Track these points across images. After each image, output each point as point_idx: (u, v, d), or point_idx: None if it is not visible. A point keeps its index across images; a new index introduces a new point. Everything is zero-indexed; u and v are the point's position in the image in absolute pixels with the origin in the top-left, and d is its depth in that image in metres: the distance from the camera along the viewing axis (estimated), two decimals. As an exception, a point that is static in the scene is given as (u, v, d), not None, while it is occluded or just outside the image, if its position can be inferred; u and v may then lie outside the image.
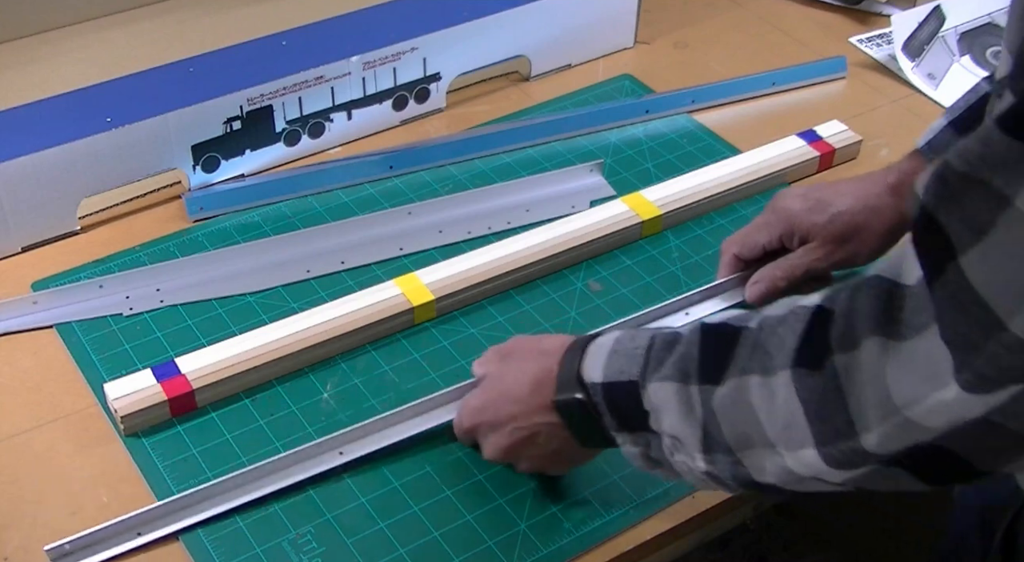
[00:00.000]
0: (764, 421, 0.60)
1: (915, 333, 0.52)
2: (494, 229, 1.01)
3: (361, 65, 1.08)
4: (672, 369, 0.65)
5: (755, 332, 0.61)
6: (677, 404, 0.64)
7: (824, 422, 0.57)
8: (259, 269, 0.97)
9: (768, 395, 0.59)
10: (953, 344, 0.50)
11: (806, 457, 0.58)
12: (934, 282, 0.51)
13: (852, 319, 0.55)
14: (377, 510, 0.79)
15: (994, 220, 0.48)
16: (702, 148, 1.12)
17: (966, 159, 0.49)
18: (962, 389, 0.50)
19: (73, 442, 0.84)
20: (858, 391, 0.55)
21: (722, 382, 0.62)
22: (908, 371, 0.52)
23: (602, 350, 0.70)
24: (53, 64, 1.03)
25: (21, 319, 0.92)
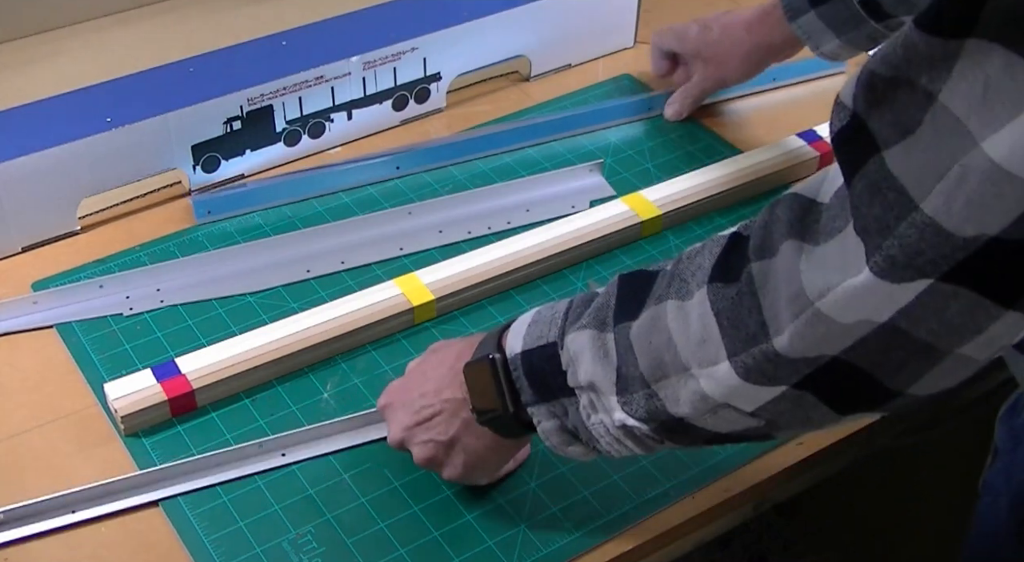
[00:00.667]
0: (679, 343, 0.61)
1: (829, 237, 0.54)
2: (494, 229, 1.01)
3: (361, 65, 1.08)
4: (589, 318, 0.66)
5: (672, 265, 0.63)
6: (592, 350, 0.65)
7: (737, 329, 0.58)
8: (259, 269, 0.97)
9: (683, 317, 0.60)
10: (866, 232, 0.52)
11: (719, 373, 0.59)
12: (853, 178, 0.52)
13: (769, 229, 0.57)
14: (377, 510, 0.79)
15: (921, 118, 0.50)
16: (702, 148, 1.12)
17: (890, 63, 0.51)
18: (872, 273, 0.51)
19: (73, 442, 0.84)
20: (772, 292, 0.56)
21: (638, 316, 0.63)
22: (821, 265, 0.54)
23: (523, 324, 0.71)
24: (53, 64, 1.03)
25: (21, 319, 0.92)
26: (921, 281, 0.51)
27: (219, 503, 0.79)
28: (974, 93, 0.48)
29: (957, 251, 0.49)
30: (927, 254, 0.50)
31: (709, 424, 0.62)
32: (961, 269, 0.50)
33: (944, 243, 0.50)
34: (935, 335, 0.53)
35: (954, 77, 0.49)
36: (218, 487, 0.80)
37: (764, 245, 0.57)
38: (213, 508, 0.79)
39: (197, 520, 0.78)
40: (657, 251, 1.00)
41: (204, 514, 0.78)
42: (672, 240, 1.01)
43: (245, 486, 0.80)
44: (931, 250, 0.50)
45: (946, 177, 0.49)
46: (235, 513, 0.78)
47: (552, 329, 0.68)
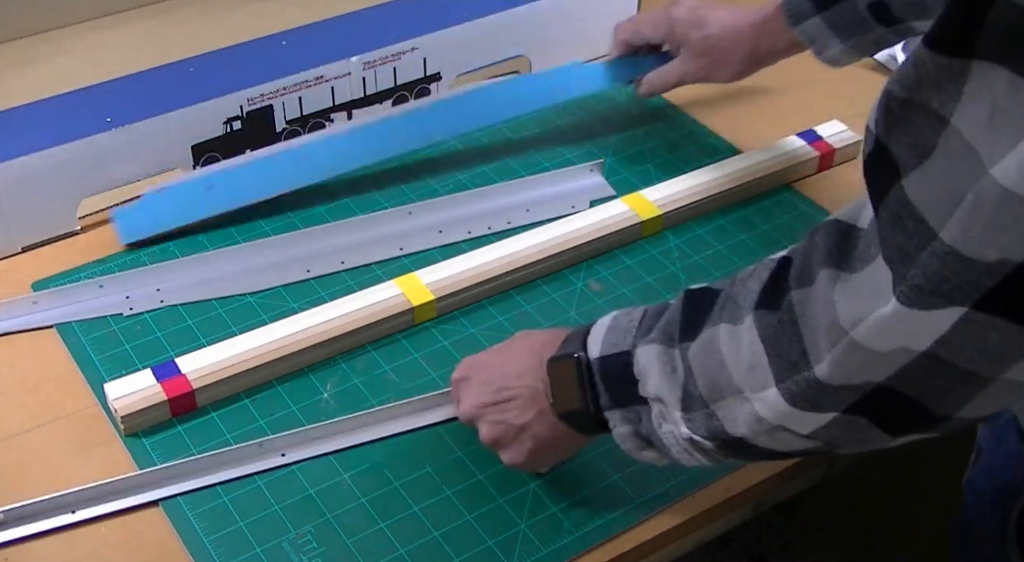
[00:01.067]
0: (731, 367, 0.62)
1: (863, 265, 0.54)
2: (494, 229, 1.01)
3: (361, 65, 1.08)
4: (658, 333, 0.67)
5: (728, 287, 0.64)
6: (660, 365, 0.66)
7: (781, 357, 0.58)
8: (259, 269, 0.97)
9: (735, 341, 0.61)
10: (891, 261, 0.52)
11: (769, 397, 0.60)
12: (879, 206, 0.53)
13: (809, 257, 0.58)
14: (377, 510, 0.79)
15: (935, 142, 0.50)
16: (702, 148, 1.12)
17: (904, 84, 0.51)
18: (899, 302, 0.51)
19: (73, 442, 0.84)
20: (811, 321, 0.57)
21: (697, 337, 0.64)
22: (854, 294, 0.54)
23: (602, 328, 0.72)
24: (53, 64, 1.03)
25: (21, 319, 0.92)
26: (953, 309, 0.50)
27: (219, 503, 0.79)
28: (982, 116, 0.48)
29: (983, 277, 0.49)
30: (952, 281, 0.50)
31: (767, 444, 0.63)
32: (993, 297, 0.50)
33: (967, 270, 0.49)
34: (976, 363, 0.52)
35: (964, 99, 0.49)
36: (218, 487, 0.80)
37: (803, 273, 0.58)
38: (213, 508, 0.79)
39: (197, 520, 0.78)
40: (657, 251, 1.00)
41: (204, 514, 0.78)
42: (672, 240, 1.01)
43: (245, 486, 0.80)
44: (955, 277, 0.50)
45: (961, 205, 0.49)
46: (235, 513, 0.78)
47: (627, 338, 0.69)
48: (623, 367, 0.68)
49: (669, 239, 1.01)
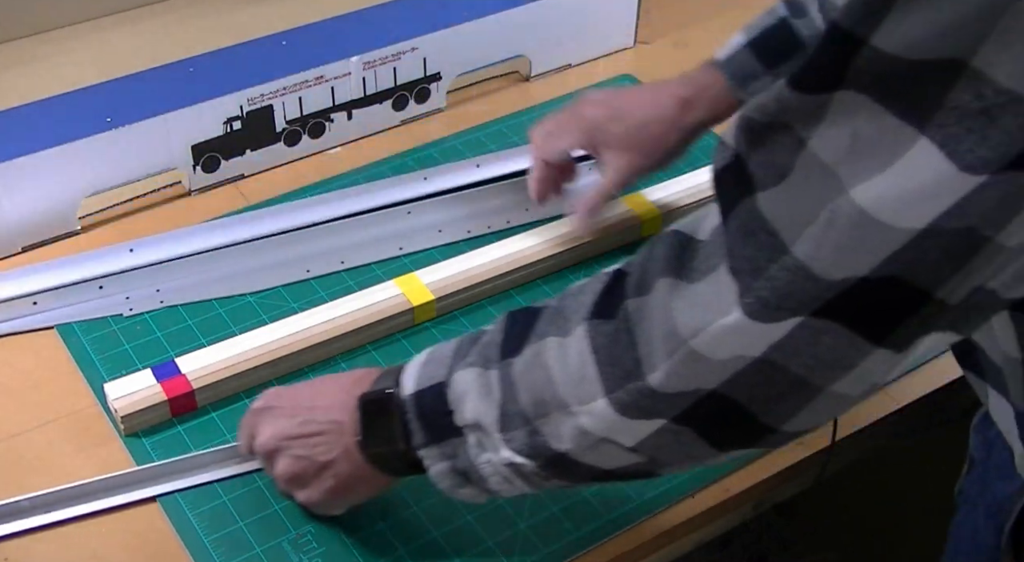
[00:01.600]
0: (558, 380, 0.61)
1: (703, 275, 0.55)
2: (494, 228, 1.01)
3: (361, 65, 1.08)
4: (475, 356, 0.66)
5: (557, 301, 0.64)
6: (477, 387, 0.64)
7: (614, 365, 0.58)
8: (259, 269, 0.97)
9: (562, 353, 0.61)
10: (738, 272, 0.53)
11: (597, 409, 0.59)
12: (728, 216, 0.54)
13: (646, 267, 0.58)
14: (377, 510, 0.79)
15: (793, 163, 0.51)
16: (702, 148, 1.12)
17: (766, 111, 0.52)
18: (744, 314, 0.53)
19: (73, 442, 0.84)
20: (648, 330, 0.57)
21: (520, 353, 0.63)
22: (694, 304, 0.55)
23: (416, 364, 0.69)
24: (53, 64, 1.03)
25: (21, 320, 0.92)
26: (792, 319, 0.52)
27: (219, 503, 0.79)
28: (842, 142, 0.50)
29: (825, 292, 0.51)
30: (796, 296, 0.52)
31: (591, 460, 0.62)
32: (831, 306, 0.52)
33: (813, 287, 0.51)
34: (808, 370, 0.54)
35: (824, 125, 0.50)
36: (217, 487, 0.80)
37: (641, 282, 0.58)
38: (213, 508, 0.79)
39: (197, 520, 0.78)
40: (657, 251, 1.00)
41: (204, 514, 0.78)
42: (672, 240, 1.01)
43: (245, 486, 0.80)
44: (800, 293, 0.52)
45: (815, 222, 0.50)
46: (235, 513, 0.78)
47: (441, 369, 0.67)
48: (438, 398, 0.66)
49: (669, 239, 1.01)
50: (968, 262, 0.50)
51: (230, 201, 1.05)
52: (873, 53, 0.48)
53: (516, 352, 0.63)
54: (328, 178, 1.07)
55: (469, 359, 0.66)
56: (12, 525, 0.77)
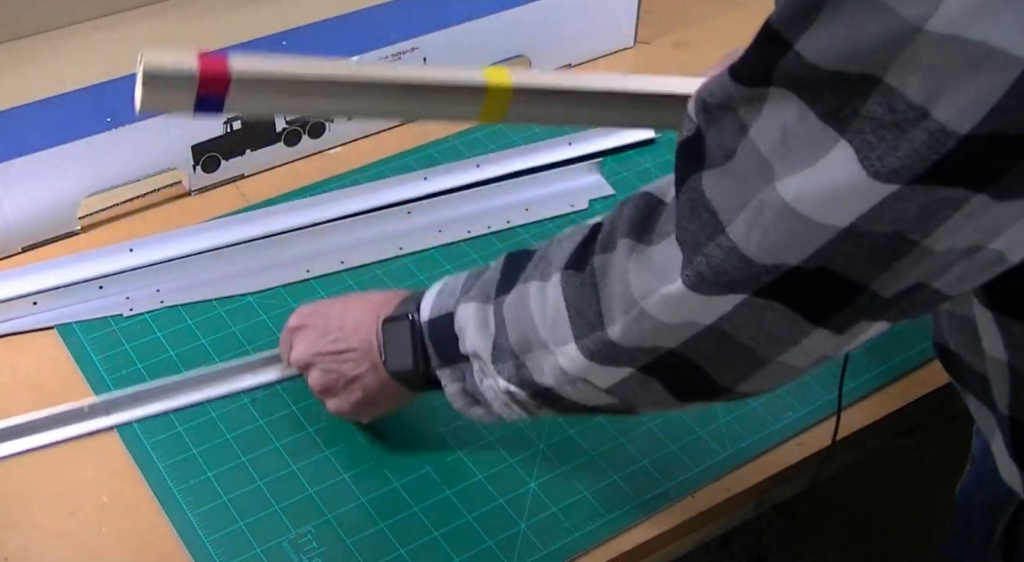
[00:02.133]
0: (538, 322, 0.66)
1: (660, 239, 0.59)
2: (493, 228, 1.01)
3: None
4: (476, 292, 0.71)
5: (544, 247, 0.69)
6: (475, 321, 0.70)
7: (581, 316, 0.63)
8: (259, 269, 0.97)
9: (542, 297, 0.66)
10: (684, 244, 0.57)
11: (569, 351, 0.64)
12: (680, 188, 0.57)
13: (614, 225, 0.62)
14: (377, 510, 0.79)
15: (736, 147, 0.54)
16: (702, 148, 1.12)
17: (716, 96, 0.55)
18: (684, 285, 0.56)
19: (73, 442, 0.84)
20: (608, 287, 0.61)
21: (509, 292, 0.69)
22: (647, 268, 0.59)
23: (432, 292, 0.76)
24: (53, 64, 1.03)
25: (21, 320, 0.92)
26: (732, 296, 0.55)
27: (219, 503, 0.79)
28: (774, 135, 0.52)
29: (761, 275, 0.54)
30: (731, 275, 0.55)
31: (572, 395, 0.67)
32: (771, 288, 0.55)
33: (745, 268, 0.54)
34: (756, 342, 0.57)
35: (762, 116, 0.53)
36: (218, 486, 0.80)
37: (607, 240, 0.62)
38: (213, 507, 0.79)
39: (197, 520, 0.78)
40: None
41: (204, 513, 0.78)
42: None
43: (245, 485, 0.80)
44: (734, 272, 0.55)
45: (747, 207, 0.53)
46: (235, 513, 0.78)
47: (451, 300, 0.73)
48: (447, 326, 0.72)
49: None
50: (897, 262, 0.53)
51: (230, 201, 1.05)
52: (797, 58, 0.51)
53: (507, 291, 0.69)
54: (328, 178, 1.07)
55: (471, 294, 0.71)
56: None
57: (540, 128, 1.13)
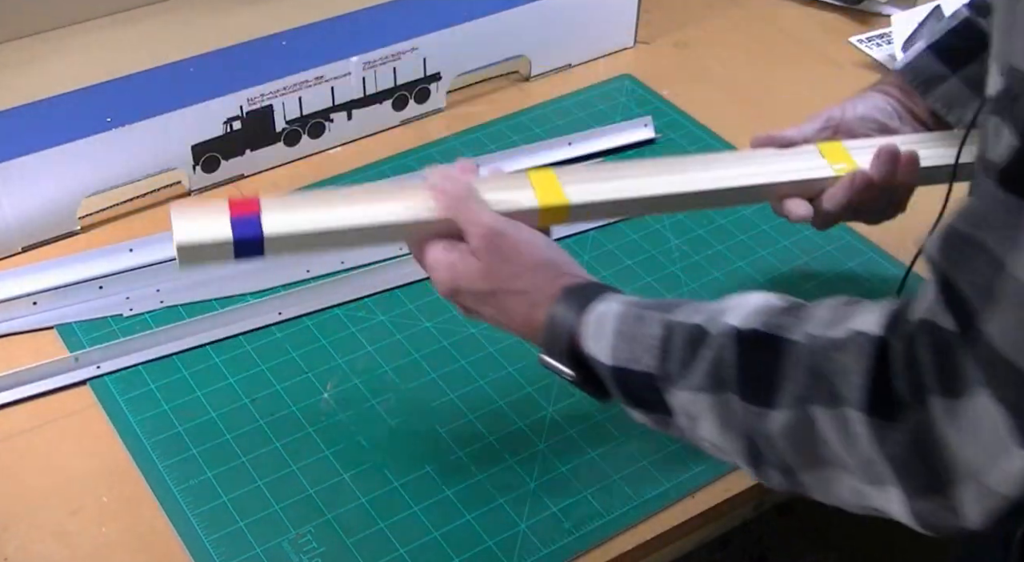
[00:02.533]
0: (839, 450, 0.58)
1: (967, 388, 0.52)
2: (494, 229, 1.01)
3: (361, 65, 1.08)
4: (705, 379, 0.62)
5: (805, 352, 0.59)
6: (715, 416, 0.62)
7: (912, 477, 0.55)
8: (259, 269, 0.96)
9: (841, 428, 0.57)
10: (1004, 402, 0.51)
11: (892, 496, 0.57)
12: (966, 338, 0.52)
13: (915, 374, 0.54)
14: (377, 510, 0.79)
15: (993, 285, 0.50)
16: (702, 148, 1.12)
17: (969, 220, 0.51)
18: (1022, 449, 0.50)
19: (73, 442, 0.84)
20: (937, 454, 0.54)
21: (775, 406, 0.60)
22: (970, 432, 0.52)
23: (604, 327, 0.67)
24: (53, 64, 1.03)
25: (21, 320, 0.92)
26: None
27: (219, 503, 0.79)
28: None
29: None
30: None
31: (857, 510, 0.60)
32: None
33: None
34: None
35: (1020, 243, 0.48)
36: (218, 486, 0.80)
37: (914, 392, 0.54)
38: (213, 508, 0.79)
39: (197, 520, 0.78)
40: (657, 251, 1.00)
41: (204, 513, 0.78)
42: (672, 240, 1.01)
43: (245, 485, 0.80)
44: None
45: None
46: (235, 513, 0.78)
47: (647, 357, 0.65)
48: (648, 387, 0.65)
49: (669, 239, 1.01)
50: None
51: (230, 201, 1.05)
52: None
53: (767, 403, 0.60)
54: (328, 178, 1.07)
55: (695, 381, 0.62)
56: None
57: (540, 128, 1.14)
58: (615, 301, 0.68)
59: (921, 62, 0.86)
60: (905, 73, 0.86)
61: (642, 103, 1.17)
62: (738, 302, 0.64)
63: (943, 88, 0.84)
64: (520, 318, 0.71)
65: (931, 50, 0.86)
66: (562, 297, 0.69)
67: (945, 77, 0.84)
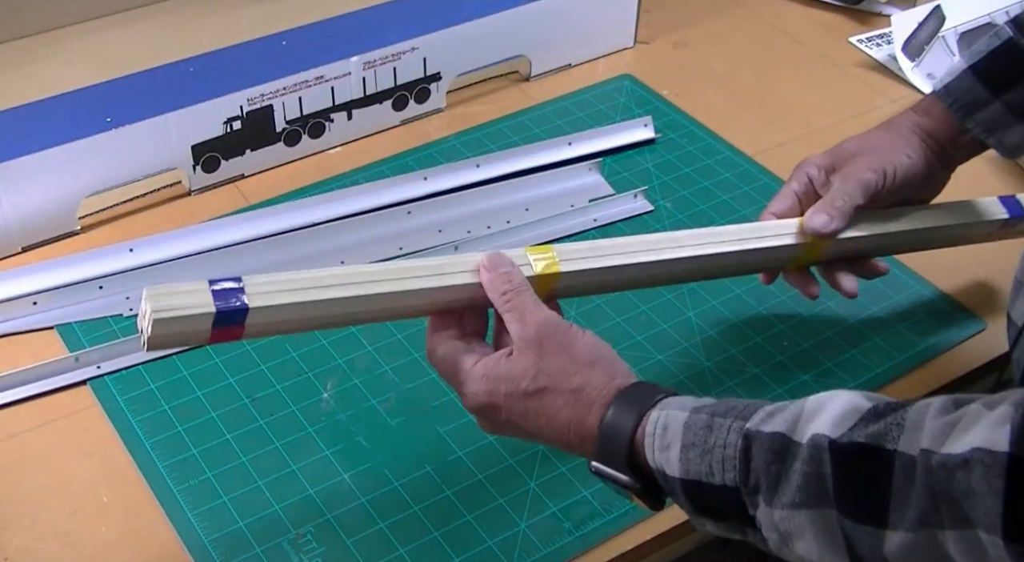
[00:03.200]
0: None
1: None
2: (494, 229, 1.01)
3: (361, 65, 1.08)
4: (800, 493, 0.58)
5: (921, 470, 0.55)
6: (815, 533, 0.58)
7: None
8: (259, 269, 0.96)
9: (975, 550, 0.53)
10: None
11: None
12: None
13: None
14: (377, 510, 0.79)
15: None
16: (702, 148, 1.12)
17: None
18: None
19: (73, 442, 0.84)
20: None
21: (891, 526, 0.56)
22: None
23: (669, 438, 0.63)
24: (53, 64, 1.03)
25: (21, 320, 0.92)
26: None
27: (219, 503, 0.79)
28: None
29: None
30: None
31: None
32: None
33: None
34: None
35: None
36: (218, 486, 0.80)
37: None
38: (213, 508, 0.79)
39: (197, 520, 0.78)
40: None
41: (204, 513, 0.78)
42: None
43: (245, 485, 0.80)
44: None
45: None
46: (235, 513, 0.78)
47: (725, 471, 0.61)
48: (727, 499, 0.61)
49: (669, 239, 1.01)
50: None
51: (230, 201, 1.05)
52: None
53: (879, 523, 0.56)
54: (328, 178, 1.07)
55: (789, 495, 0.58)
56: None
57: (540, 128, 1.14)
58: (675, 408, 0.64)
59: (962, 86, 0.83)
60: (944, 97, 0.84)
61: (642, 103, 1.17)
62: (819, 404, 0.60)
63: (984, 113, 0.82)
64: (565, 419, 0.66)
65: (972, 72, 0.83)
66: (617, 401, 0.66)
67: (987, 102, 0.82)
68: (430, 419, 0.85)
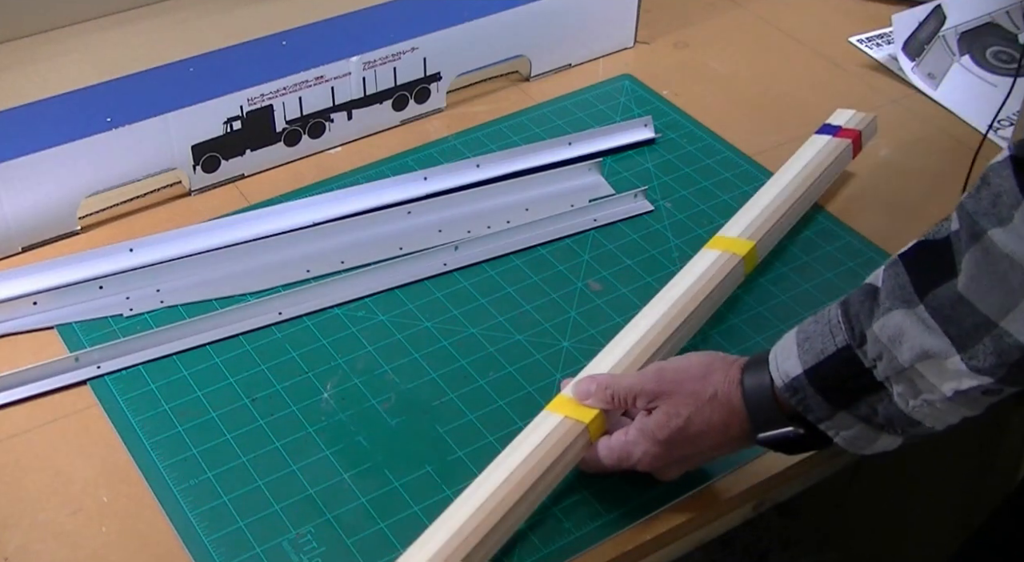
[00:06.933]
0: None
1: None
2: (494, 229, 1.01)
3: (361, 65, 1.08)
4: (889, 302, 0.66)
5: (962, 217, 0.63)
6: (912, 324, 0.65)
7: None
8: (259, 269, 0.97)
9: (1018, 238, 0.60)
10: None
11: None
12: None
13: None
14: (377, 510, 0.79)
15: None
16: (702, 148, 1.12)
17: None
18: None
19: (73, 442, 0.84)
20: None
21: (956, 271, 0.63)
22: None
23: (786, 350, 0.71)
24: (53, 64, 1.03)
25: (21, 320, 0.92)
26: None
27: (219, 503, 0.79)
28: None
29: None
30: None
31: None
32: None
33: None
34: None
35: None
36: (218, 486, 0.80)
37: None
38: (213, 507, 0.79)
39: (197, 520, 0.78)
40: (657, 251, 1.00)
41: (204, 513, 0.78)
42: (672, 240, 1.01)
43: (245, 485, 0.80)
44: None
45: None
46: (235, 513, 0.78)
47: (838, 335, 0.68)
48: (845, 362, 0.68)
49: (669, 239, 1.01)
50: None
51: (230, 201, 1.05)
52: None
53: (946, 275, 0.64)
54: (328, 178, 1.07)
55: (884, 307, 0.66)
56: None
57: (540, 128, 1.14)
58: (783, 336, 0.72)
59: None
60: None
61: (642, 103, 1.17)
62: None
63: None
64: (720, 422, 0.74)
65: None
66: (744, 378, 0.74)
67: None
68: (430, 419, 0.85)
